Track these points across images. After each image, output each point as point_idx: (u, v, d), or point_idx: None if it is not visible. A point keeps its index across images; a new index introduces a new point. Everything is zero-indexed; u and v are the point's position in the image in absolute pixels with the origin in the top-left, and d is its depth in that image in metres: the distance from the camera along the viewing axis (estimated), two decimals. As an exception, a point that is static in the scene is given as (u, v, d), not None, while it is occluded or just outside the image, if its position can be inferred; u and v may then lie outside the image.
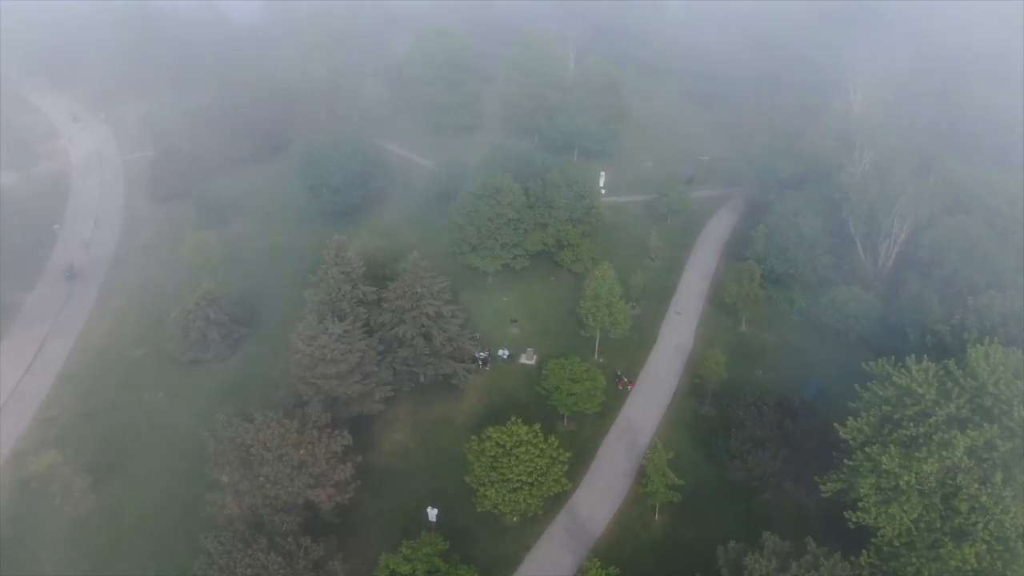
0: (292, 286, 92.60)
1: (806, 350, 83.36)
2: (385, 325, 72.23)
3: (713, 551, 57.70)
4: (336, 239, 71.49)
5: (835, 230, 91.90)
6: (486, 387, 77.40)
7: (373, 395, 68.22)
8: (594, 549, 60.31)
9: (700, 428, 72.20)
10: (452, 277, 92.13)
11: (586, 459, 68.73)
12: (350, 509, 60.79)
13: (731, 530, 61.27)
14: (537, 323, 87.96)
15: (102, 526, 63.67)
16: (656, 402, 75.60)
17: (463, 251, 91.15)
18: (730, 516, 62.43)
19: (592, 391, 67.82)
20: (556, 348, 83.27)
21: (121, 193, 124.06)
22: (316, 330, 66.71)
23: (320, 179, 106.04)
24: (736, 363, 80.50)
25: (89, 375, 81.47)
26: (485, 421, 72.32)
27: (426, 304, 71.06)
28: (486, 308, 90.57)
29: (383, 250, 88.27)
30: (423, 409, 74.07)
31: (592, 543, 60.84)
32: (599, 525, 62.19)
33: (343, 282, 70.65)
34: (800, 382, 77.77)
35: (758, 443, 60.50)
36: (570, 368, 67.95)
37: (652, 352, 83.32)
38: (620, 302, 77.64)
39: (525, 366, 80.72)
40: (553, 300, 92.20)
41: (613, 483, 66.06)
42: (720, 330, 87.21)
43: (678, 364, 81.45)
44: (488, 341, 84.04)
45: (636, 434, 71.44)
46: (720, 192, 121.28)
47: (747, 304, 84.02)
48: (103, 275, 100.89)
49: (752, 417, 62.00)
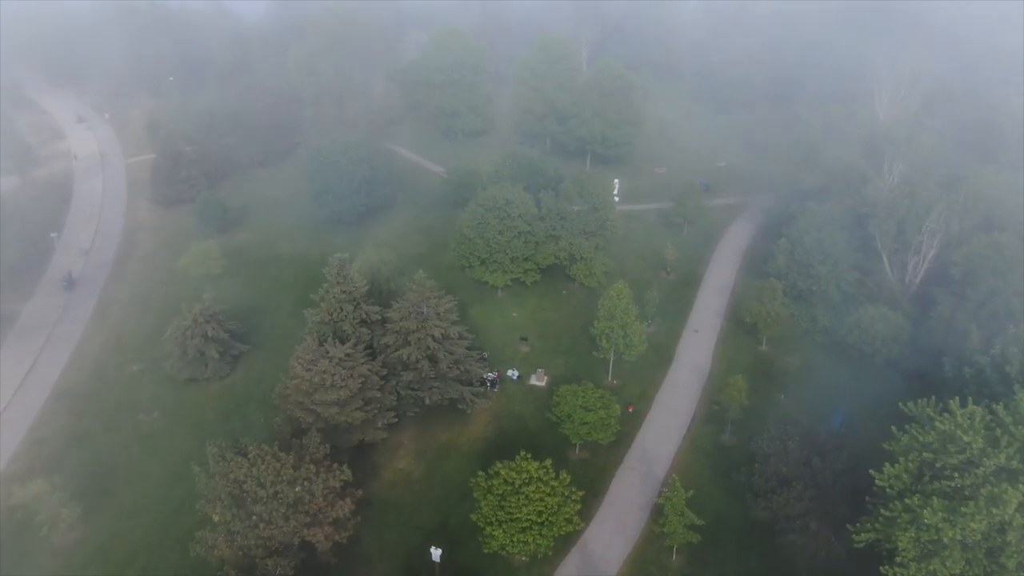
0: (296, 298, 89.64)
1: (830, 373, 79.47)
2: (389, 347, 68.89)
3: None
4: (338, 257, 68.16)
5: (860, 245, 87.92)
6: (494, 410, 73.98)
7: (375, 422, 64.95)
8: (606, 595, 56.89)
9: (719, 458, 68.52)
10: (460, 291, 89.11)
11: (598, 491, 65.21)
12: (350, 545, 57.50)
13: (754, 573, 57.89)
14: (548, 341, 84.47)
15: (91, 559, 60.67)
16: (673, 428, 71.97)
17: (471, 265, 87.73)
18: (752, 557, 58.85)
19: (606, 420, 64.29)
20: (568, 369, 79.84)
21: (123, 197, 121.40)
22: (316, 354, 63.45)
23: (326, 186, 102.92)
24: (756, 386, 76.76)
25: (83, 393, 78.57)
26: (493, 448, 69.09)
27: (432, 326, 67.67)
28: (495, 324, 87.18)
29: (388, 263, 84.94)
30: (428, 434, 70.76)
31: (604, 588, 57.40)
32: (613, 566, 58.71)
33: (345, 302, 67.35)
34: (824, 407, 74.00)
35: (783, 481, 56.78)
36: (583, 395, 64.43)
37: (668, 373, 79.66)
38: (636, 322, 74.04)
39: (535, 388, 77.25)
40: (564, 316, 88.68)
41: (627, 519, 62.52)
42: (739, 350, 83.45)
43: (696, 387, 77.76)
44: (497, 360, 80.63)
45: (651, 464, 67.86)
46: (737, 200, 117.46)
47: (768, 324, 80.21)
48: (102, 285, 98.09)
49: (777, 452, 58.27)
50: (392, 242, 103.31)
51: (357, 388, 62.66)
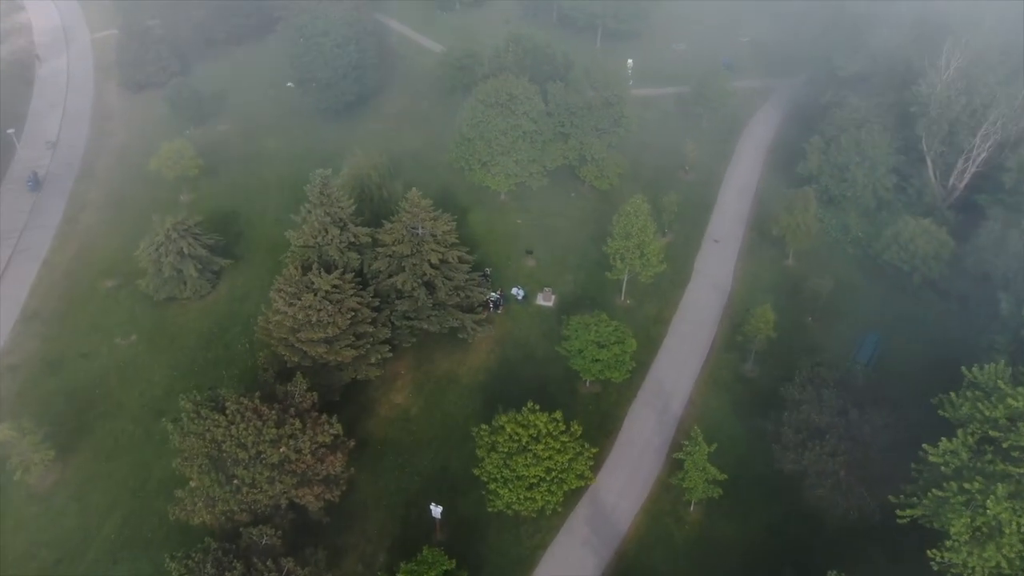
0: (281, 201, 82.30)
1: (862, 292, 73.22)
2: (380, 273, 62.28)
3: (758, 551, 50.90)
4: (319, 175, 60.34)
5: (901, 146, 79.18)
6: (498, 335, 68.35)
7: (368, 358, 59.40)
8: (619, 549, 53.27)
9: (741, 392, 63.57)
10: (458, 194, 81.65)
11: (611, 430, 60.69)
12: (343, 497, 53.41)
13: (778, 528, 54.10)
14: (555, 252, 77.68)
15: (69, 505, 56.97)
16: (691, 357, 66.58)
17: (471, 167, 79.47)
18: (777, 511, 54.85)
19: (621, 357, 58.69)
20: (577, 287, 73.56)
21: (90, 80, 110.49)
22: (299, 285, 56.92)
23: (309, 73, 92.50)
24: (781, 306, 70.50)
25: (55, 313, 72.74)
26: (496, 380, 64.13)
27: (428, 250, 60.71)
28: (497, 232, 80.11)
29: (380, 168, 76.69)
30: (426, 364, 65.48)
31: (618, 540, 53.77)
32: (626, 518, 54.97)
33: (330, 224, 60.05)
34: (854, 332, 68.36)
35: (814, 432, 51.82)
36: (596, 329, 58.46)
37: (686, 292, 73.42)
38: (654, 241, 66.96)
39: (542, 309, 71.29)
40: (573, 223, 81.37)
41: (641, 463, 58.27)
42: (763, 264, 76.79)
43: (716, 307, 71.73)
44: (500, 275, 74.26)
45: (668, 399, 62.95)
46: (762, 83, 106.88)
47: (797, 237, 73.06)
48: (71, 185, 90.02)
49: (809, 400, 52.95)
50: (385, 134, 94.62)
51: (347, 324, 56.59)
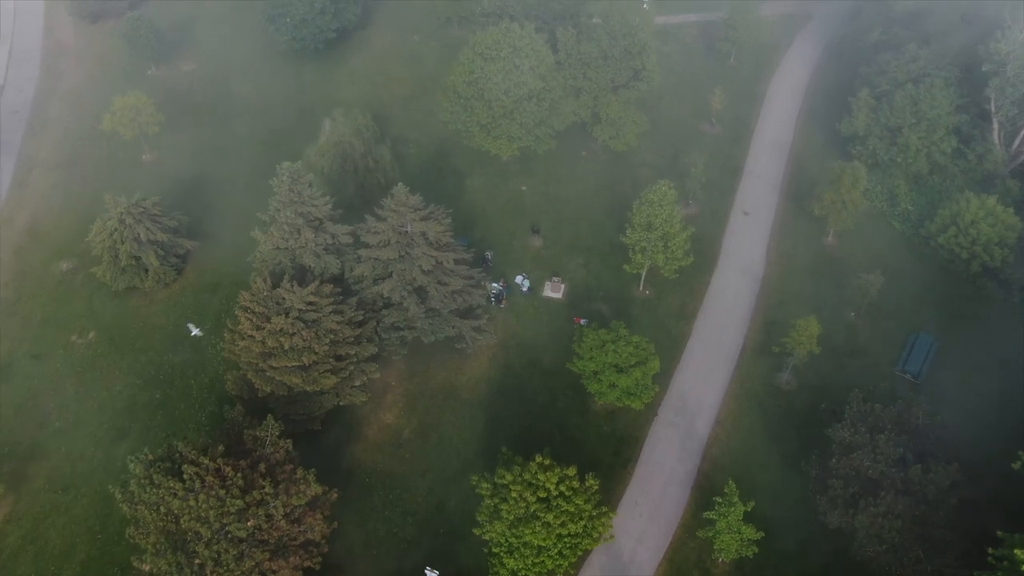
0: (254, 162, 72.94)
1: (910, 278, 64.83)
2: (365, 279, 53.86)
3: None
4: (287, 167, 50.82)
5: (964, 105, 68.79)
6: (501, 336, 60.55)
7: (352, 380, 51.88)
8: (640, 608, 47.49)
9: (775, 409, 56.43)
10: (454, 156, 71.95)
11: (627, 458, 53.90)
12: (329, 540, 47.08)
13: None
14: (565, 228, 68.81)
15: (22, 547, 50.86)
16: (719, 362, 59.05)
17: (469, 131, 69.40)
18: (817, 561, 48.42)
19: (643, 381, 51.09)
20: (590, 273, 65.19)
21: (40, 9, 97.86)
22: (268, 303, 48.78)
23: (281, 7, 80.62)
24: (821, 296, 62.88)
25: (3, 303, 64.70)
26: (499, 394, 56.95)
27: (419, 254, 52.08)
28: (499, 202, 70.98)
29: (366, 132, 66.72)
30: (420, 375, 58.02)
31: (637, 598, 47.84)
32: (646, 570, 48.69)
33: (304, 226, 51.17)
34: (904, 329, 60.51)
35: (867, 484, 44.84)
36: (615, 350, 50.55)
37: (713, 278, 65.02)
38: (680, 233, 58.05)
39: (550, 302, 63.19)
40: (586, 191, 72.07)
41: (664, 500, 51.77)
42: (799, 242, 68.04)
43: (747, 297, 63.58)
44: (503, 257, 65.86)
45: (692, 416, 55.85)
46: (799, 6, 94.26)
47: (842, 216, 64.00)
48: (20, 139, 80.00)
49: (861, 444, 45.65)
50: (370, 77, 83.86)
51: (325, 349, 48.74)
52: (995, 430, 52.42)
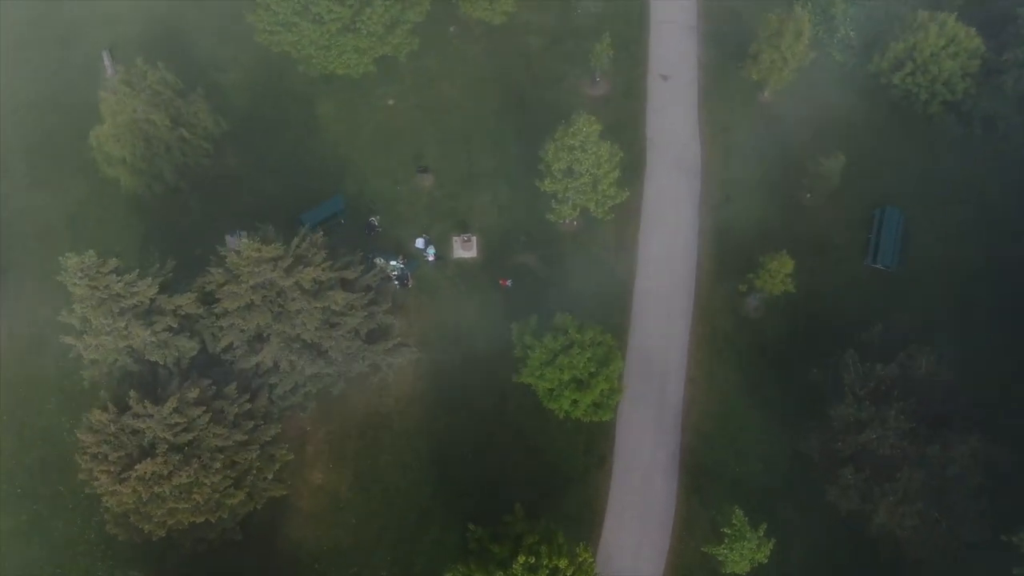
0: (28, 149, 54.21)
1: (861, 130, 55.87)
2: (235, 349, 41.18)
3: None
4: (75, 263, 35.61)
5: None
6: (419, 331, 49.92)
7: (263, 475, 41.54)
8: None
9: (748, 349, 49.56)
10: (292, 75, 55.60)
11: (600, 455, 47.13)
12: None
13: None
14: (456, 152, 55.38)
15: None
16: (676, 300, 50.72)
17: (302, 56, 52.09)
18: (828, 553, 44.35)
19: (609, 395, 42.73)
20: (503, 213, 53.58)
21: None
22: (120, 441, 36.68)
23: None
24: (768, 176, 54.04)
25: None
26: (439, 409, 48.41)
27: (298, 309, 39.47)
28: (364, 131, 56.07)
29: (167, 94, 48.84)
30: (338, 412, 47.63)
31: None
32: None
33: (131, 322, 37.23)
34: (864, 202, 53.08)
35: (880, 464, 39.83)
36: (569, 363, 41.32)
37: (645, 185, 54.34)
38: (611, 171, 46.30)
39: (464, 265, 52.03)
40: (468, 86, 57.54)
41: (652, 497, 46.10)
42: (734, 108, 57.02)
43: (688, 202, 53.83)
44: (389, 216, 53.02)
45: (662, 381, 48.72)
46: None
47: (783, 74, 52.83)
48: None
49: (870, 419, 39.78)
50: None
51: (217, 477, 37.85)
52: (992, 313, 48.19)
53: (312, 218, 51.51)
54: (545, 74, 57.27)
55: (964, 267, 50.73)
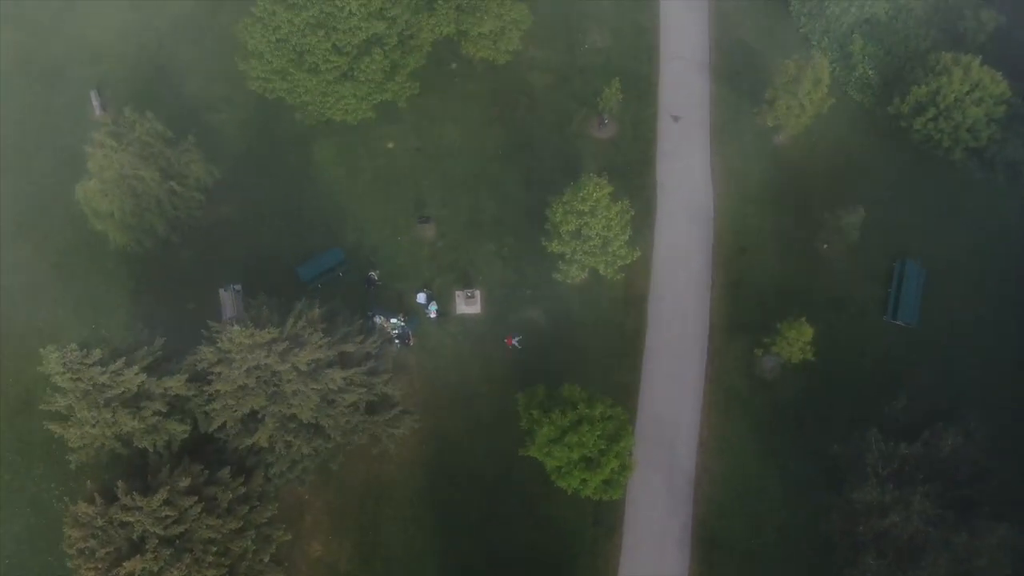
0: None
1: (883, 178, 53.70)
2: (228, 429, 39.27)
3: None
4: (55, 358, 33.76)
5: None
6: (422, 393, 48.06)
7: (260, 557, 39.79)
8: None
9: (762, 410, 47.66)
10: (287, 113, 53.10)
11: (609, 526, 45.44)
12: None
13: None
14: (459, 200, 53.22)
15: None
16: (687, 357, 48.83)
17: (296, 104, 49.89)
18: None
19: (620, 471, 40.91)
20: (507, 265, 51.58)
21: None
22: (108, 535, 34.89)
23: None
24: (783, 225, 51.98)
25: None
26: (441, 477, 46.64)
27: (293, 391, 37.57)
28: (363, 176, 53.93)
29: (153, 142, 46.71)
30: (336, 479, 45.88)
31: None
32: None
33: (118, 410, 35.33)
34: (884, 254, 51.00)
35: (903, 548, 38.14)
36: (580, 441, 39.46)
37: (656, 234, 52.20)
38: (622, 232, 44.27)
39: (467, 321, 50.07)
40: (471, 130, 55.33)
41: (663, 569, 44.40)
42: (747, 151, 54.67)
43: (701, 252, 51.69)
44: (391, 270, 50.93)
45: (672, 444, 46.99)
46: None
47: (800, 120, 50.68)
48: None
49: (894, 503, 38.04)
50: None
51: (211, 572, 36.06)
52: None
53: (309, 272, 49.69)
54: (551, 115, 55.03)
55: (989, 324, 48.72)
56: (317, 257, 50.09)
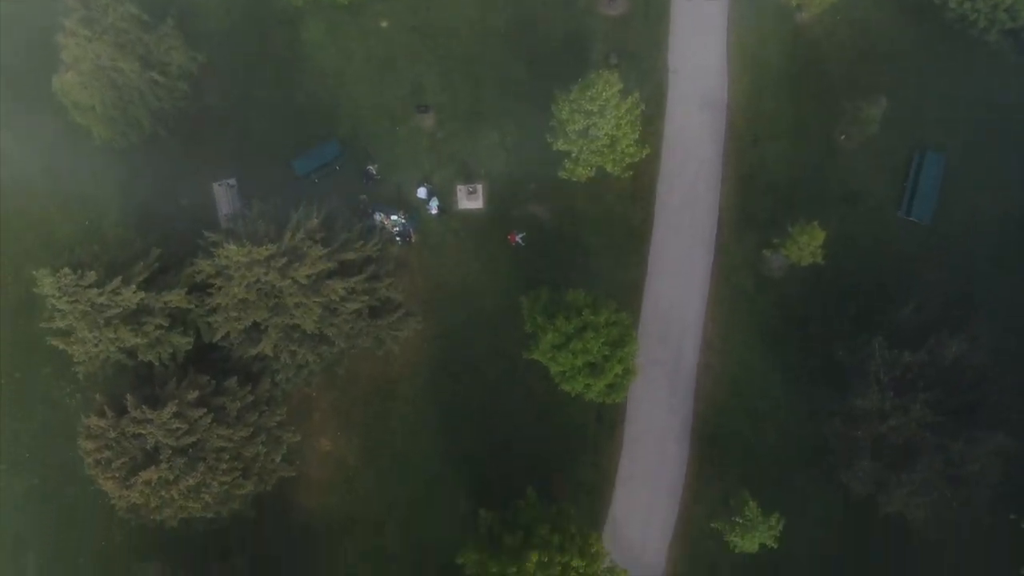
0: None
1: (908, 60, 50.34)
2: (232, 338, 39.13)
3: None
4: (50, 284, 32.76)
5: None
6: (424, 292, 47.72)
7: (271, 458, 41.02)
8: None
9: (768, 310, 47.35)
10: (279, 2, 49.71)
11: (612, 421, 46.45)
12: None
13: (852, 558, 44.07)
14: (460, 86, 50.44)
15: None
16: (694, 254, 47.88)
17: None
18: (837, 528, 44.22)
19: (623, 376, 41.14)
20: (510, 156, 49.67)
21: None
22: (122, 447, 35.74)
23: None
24: (801, 111, 49.47)
25: None
26: (446, 376, 47.27)
27: (295, 304, 37.15)
28: (356, 60, 51.01)
29: (130, 28, 43.59)
30: (346, 382, 46.42)
31: (656, 585, 44.83)
32: (659, 555, 45.00)
33: (119, 327, 35.04)
34: (905, 143, 48.84)
35: (897, 451, 39.03)
36: (584, 348, 39.45)
37: (665, 123, 49.74)
38: (630, 126, 42.04)
39: (470, 217, 48.85)
40: (471, 2, 51.15)
41: (662, 464, 45.86)
42: (764, 29, 50.91)
43: (712, 142, 49.40)
44: (389, 163, 49.15)
45: (677, 344, 47.08)
46: None
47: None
48: None
49: (893, 409, 38.47)
50: None
51: (224, 478, 37.23)
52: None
53: (305, 166, 48.03)
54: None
55: (1010, 222, 47.07)
56: (312, 150, 48.19)
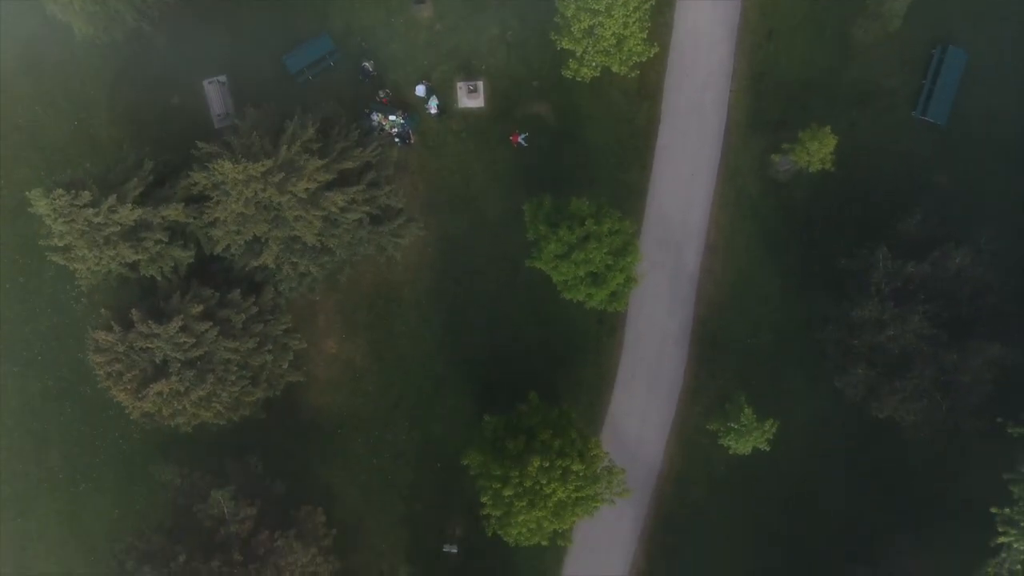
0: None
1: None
2: (232, 248, 38.98)
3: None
4: (45, 205, 32.23)
5: None
6: (425, 195, 47.09)
7: (279, 365, 41.95)
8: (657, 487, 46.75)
9: (773, 214, 46.65)
10: None
11: (612, 324, 46.91)
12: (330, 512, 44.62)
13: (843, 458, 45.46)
14: (458, -24, 47.52)
15: None
16: (700, 155, 46.72)
17: None
18: (829, 430, 45.39)
19: (625, 285, 41.25)
20: (512, 52, 47.65)
21: None
22: (131, 360, 36.55)
23: None
24: (819, 5, 46.92)
25: None
26: (447, 279, 47.58)
27: (295, 216, 36.80)
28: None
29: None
30: (349, 286, 46.59)
31: (653, 480, 46.76)
32: (655, 454, 46.75)
33: (119, 243, 34.90)
34: (923, 35, 46.59)
35: (894, 359, 39.74)
36: (586, 258, 39.45)
37: (676, 18, 47.16)
38: (640, 33, 39.98)
39: (471, 116, 47.43)
40: None
41: (661, 365, 46.61)
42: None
43: (724, 39, 46.93)
44: (385, 58, 47.23)
45: (678, 247, 46.69)
46: None
47: None
48: None
49: (892, 318, 38.78)
50: None
51: (234, 389, 38.25)
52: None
53: (297, 62, 46.27)
54: None
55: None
56: (303, 45, 46.11)
